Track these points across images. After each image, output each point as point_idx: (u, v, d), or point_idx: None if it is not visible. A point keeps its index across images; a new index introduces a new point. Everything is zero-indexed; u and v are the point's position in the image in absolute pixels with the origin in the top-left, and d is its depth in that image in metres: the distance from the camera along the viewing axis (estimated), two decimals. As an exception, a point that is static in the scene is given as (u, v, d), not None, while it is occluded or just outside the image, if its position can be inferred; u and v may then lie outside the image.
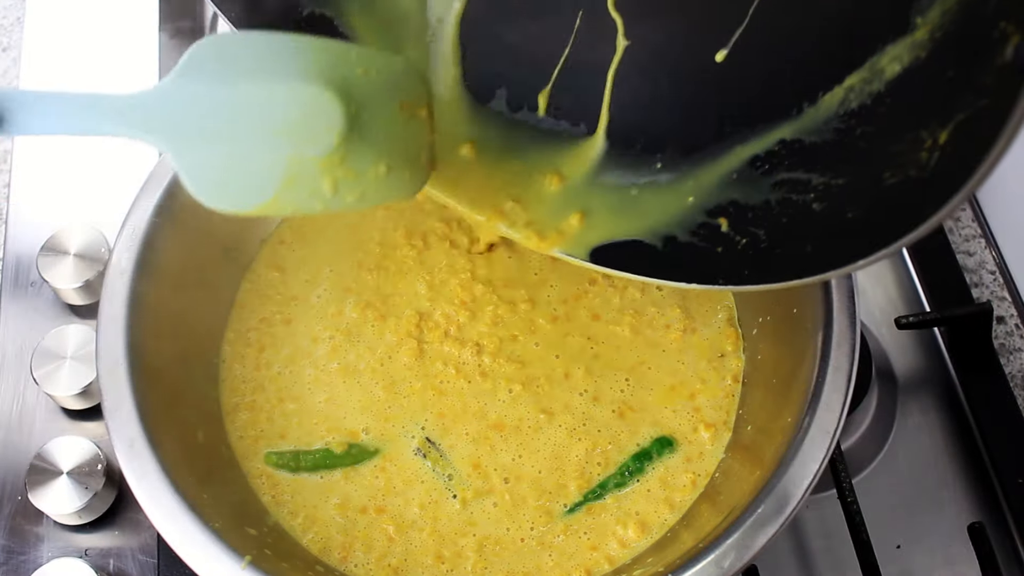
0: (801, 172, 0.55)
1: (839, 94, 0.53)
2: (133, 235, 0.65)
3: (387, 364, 0.70)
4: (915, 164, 0.47)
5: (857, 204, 0.51)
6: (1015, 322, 0.84)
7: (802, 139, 0.55)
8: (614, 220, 0.63)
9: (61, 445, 0.75)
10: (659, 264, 0.60)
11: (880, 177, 0.49)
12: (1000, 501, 0.76)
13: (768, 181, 0.56)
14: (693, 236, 0.59)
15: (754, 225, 0.57)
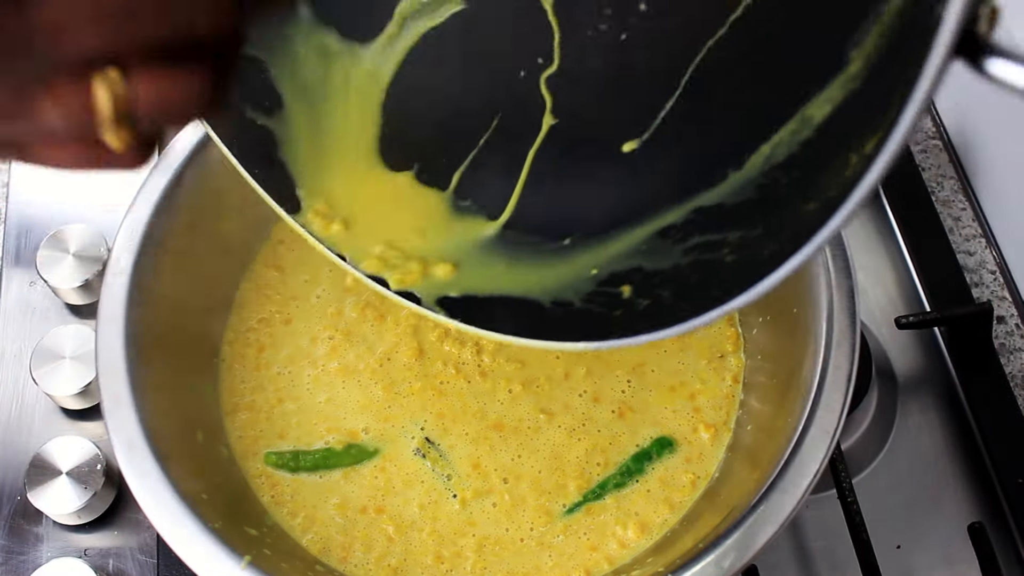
0: (716, 234, 0.52)
1: (765, 151, 0.50)
2: (132, 235, 0.65)
3: (387, 364, 0.70)
4: (838, 184, 0.44)
5: (774, 241, 0.47)
6: (1015, 322, 0.84)
7: (723, 203, 0.52)
8: (494, 278, 0.59)
9: (60, 445, 0.75)
10: (544, 323, 0.56)
11: (801, 209, 0.46)
12: (1000, 501, 0.76)
13: (680, 248, 0.53)
14: (590, 303, 0.56)
15: (660, 288, 0.53)
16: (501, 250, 0.60)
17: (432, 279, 0.59)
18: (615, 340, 0.52)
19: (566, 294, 0.57)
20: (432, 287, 0.59)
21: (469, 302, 0.60)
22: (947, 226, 0.88)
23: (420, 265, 0.60)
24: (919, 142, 0.93)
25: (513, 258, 0.59)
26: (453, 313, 0.58)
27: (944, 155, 0.93)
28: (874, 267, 0.87)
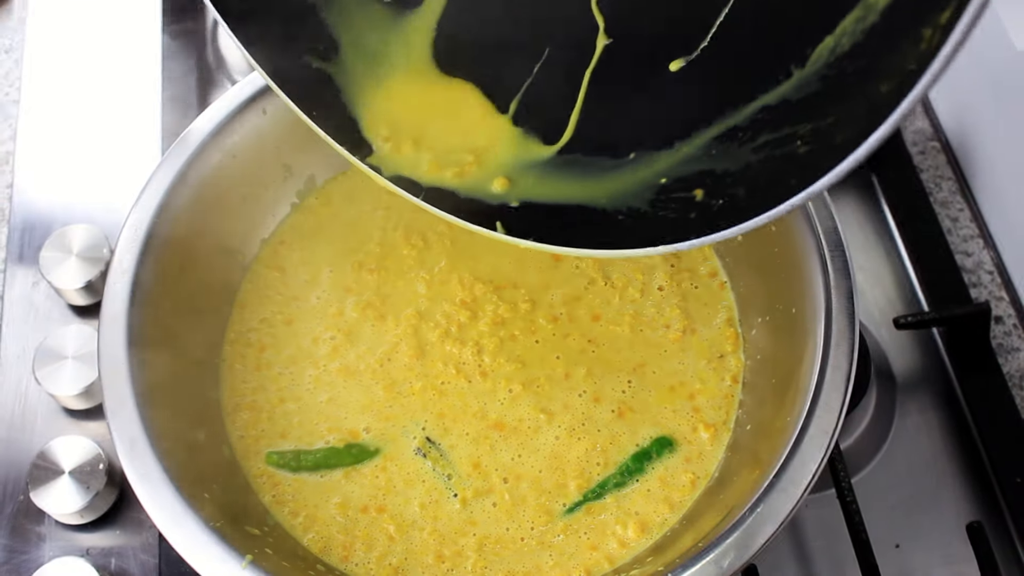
0: (787, 129, 0.51)
1: (829, 43, 0.49)
2: (135, 235, 0.65)
3: (387, 364, 0.70)
4: (915, 58, 0.43)
5: (848, 127, 0.47)
6: (1013, 322, 0.84)
7: (788, 99, 0.51)
8: (555, 189, 0.59)
9: (63, 445, 0.75)
10: (619, 233, 0.56)
11: (875, 92, 0.45)
12: (999, 500, 0.76)
13: (749, 147, 0.53)
14: (664, 209, 0.56)
15: (733, 187, 0.53)
16: (561, 168, 0.60)
17: (487, 182, 0.60)
18: (697, 239, 0.52)
19: (635, 202, 0.57)
20: (487, 191, 0.59)
21: (531, 215, 0.59)
22: (945, 227, 0.88)
23: (474, 157, 0.60)
24: (917, 143, 0.94)
25: (574, 174, 0.60)
26: (515, 230, 0.58)
27: (942, 156, 0.93)
28: (873, 268, 0.87)
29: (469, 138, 0.62)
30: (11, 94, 0.98)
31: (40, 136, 0.95)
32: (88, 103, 0.97)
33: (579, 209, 0.59)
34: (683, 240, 0.53)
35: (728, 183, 0.54)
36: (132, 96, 0.96)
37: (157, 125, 0.94)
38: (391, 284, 0.73)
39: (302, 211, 0.77)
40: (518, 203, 0.60)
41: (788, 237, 0.65)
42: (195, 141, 0.68)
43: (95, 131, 0.95)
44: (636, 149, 0.58)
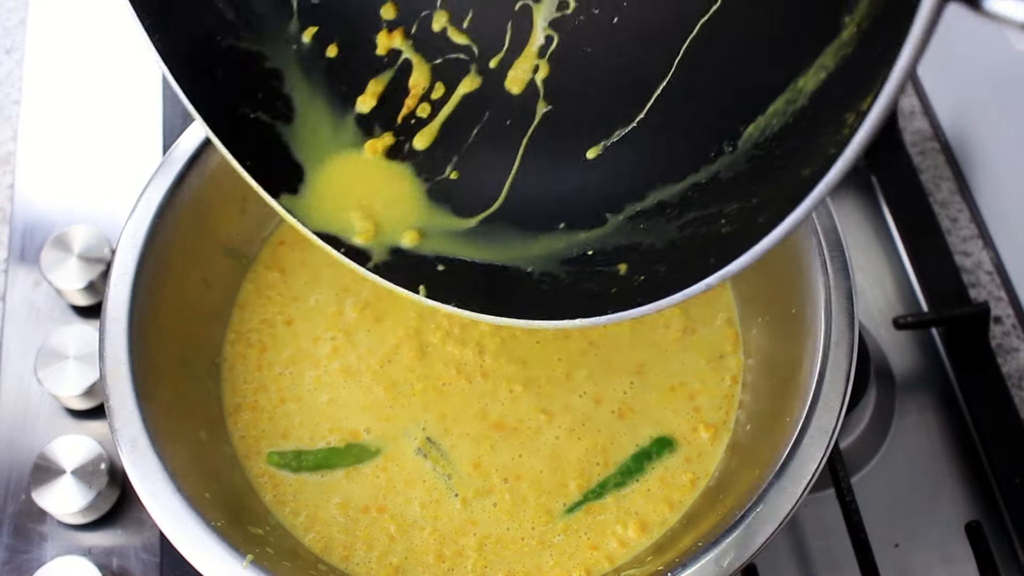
0: (714, 207, 0.52)
1: (760, 123, 0.50)
2: (136, 236, 0.65)
3: (388, 365, 0.70)
4: (835, 143, 0.44)
5: (770, 208, 0.47)
6: (1012, 322, 0.85)
7: (719, 177, 0.52)
8: (483, 249, 0.60)
9: (64, 444, 0.76)
10: (538, 301, 0.57)
11: (799, 175, 0.46)
12: (997, 500, 0.76)
13: (676, 224, 0.54)
14: (586, 280, 0.56)
15: (655, 264, 0.54)
16: (482, 234, 0.61)
17: (397, 236, 0.60)
18: (613, 314, 0.53)
19: (557, 271, 0.57)
20: (392, 243, 0.60)
21: (455, 279, 0.60)
22: (944, 227, 0.89)
23: (374, 225, 0.61)
24: (916, 143, 0.94)
25: (497, 239, 0.60)
26: (438, 295, 0.58)
27: (941, 157, 0.93)
28: (872, 268, 0.87)
29: (391, 210, 0.62)
30: (12, 94, 0.98)
31: (41, 136, 0.95)
32: (89, 104, 0.97)
33: (503, 272, 0.59)
34: (600, 315, 0.53)
35: (651, 259, 0.54)
36: (133, 96, 0.97)
37: (158, 125, 0.94)
38: (392, 284, 0.73)
39: (303, 211, 0.77)
40: (443, 267, 0.60)
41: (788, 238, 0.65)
42: (196, 141, 0.68)
43: (96, 131, 0.95)
44: (566, 220, 0.59)
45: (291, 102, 0.63)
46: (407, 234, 0.62)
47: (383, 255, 0.61)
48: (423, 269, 0.61)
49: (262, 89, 0.62)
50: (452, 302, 0.58)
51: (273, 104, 0.62)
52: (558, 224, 0.59)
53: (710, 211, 0.52)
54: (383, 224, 0.62)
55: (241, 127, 0.61)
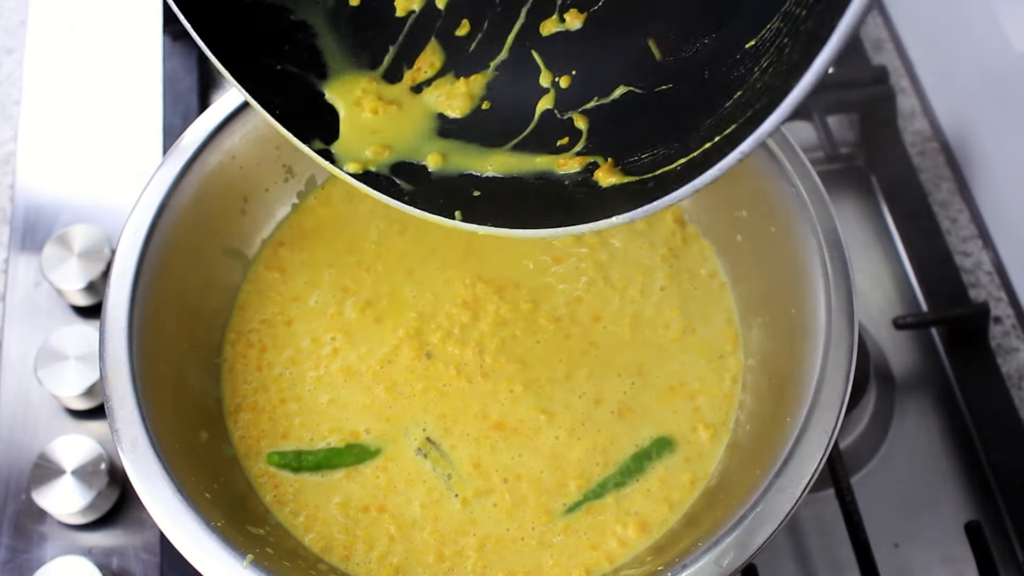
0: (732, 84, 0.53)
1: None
2: (136, 236, 0.66)
3: (388, 365, 0.70)
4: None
5: (797, 78, 0.46)
6: (1012, 322, 0.85)
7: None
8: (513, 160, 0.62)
9: (65, 444, 0.76)
10: (578, 212, 0.57)
11: (824, 38, 0.45)
12: (997, 500, 0.76)
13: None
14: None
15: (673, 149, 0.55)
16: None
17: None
18: (650, 204, 0.53)
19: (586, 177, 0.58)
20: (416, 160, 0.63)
21: (491, 205, 0.60)
22: (944, 227, 0.89)
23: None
24: (916, 144, 0.94)
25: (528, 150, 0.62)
26: (474, 219, 0.59)
27: (941, 157, 0.93)
28: (872, 268, 0.87)
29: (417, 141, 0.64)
30: (12, 95, 0.98)
31: (42, 136, 0.95)
32: (89, 104, 0.97)
33: (538, 191, 0.60)
34: (638, 207, 0.53)
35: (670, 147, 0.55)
36: (133, 97, 0.97)
37: (158, 125, 0.94)
38: (391, 285, 0.73)
39: (302, 212, 0.77)
40: (478, 192, 0.61)
41: (787, 237, 0.66)
42: (196, 141, 0.69)
43: (96, 132, 0.95)
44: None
45: (320, 54, 0.64)
46: (431, 156, 0.63)
47: (411, 182, 0.62)
48: (458, 196, 0.61)
49: (289, 42, 0.63)
50: (488, 223, 0.59)
51: (301, 56, 0.63)
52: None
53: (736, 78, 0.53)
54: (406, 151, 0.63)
55: (271, 80, 0.62)
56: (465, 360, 0.70)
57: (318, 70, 0.64)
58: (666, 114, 0.58)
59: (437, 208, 0.60)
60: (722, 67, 0.55)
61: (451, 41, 0.65)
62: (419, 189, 0.62)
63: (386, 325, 0.72)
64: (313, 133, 0.63)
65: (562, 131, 0.61)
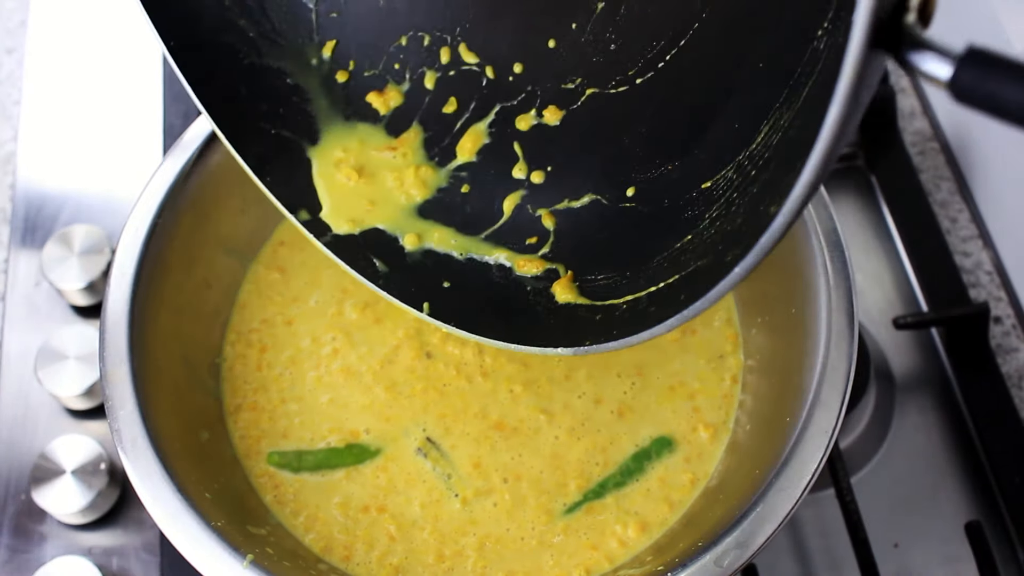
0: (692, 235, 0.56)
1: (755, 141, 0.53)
2: (136, 236, 0.66)
3: (388, 365, 0.70)
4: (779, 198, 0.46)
5: (738, 245, 0.49)
6: (1012, 322, 0.85)
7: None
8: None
9: (65, 444, 0.76)
10: (530, 324, 0.61)
11: (768, 212, 0.47)
12: (997, 500, 0.76)
13: (661, 256, 0.58)
14: (589, 309, 0.60)
15: (642, 294, 0.57)
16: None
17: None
18: (594, 346, 0.56)
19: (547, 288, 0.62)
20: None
21: (457, 303, 0.63)
22: (944, 227, 0.89)
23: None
24: (916, 144, 0.94)
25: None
26: (440, 314, 0.63)
27: (941, 157, 0.93)
28: (872, 268, 0.87)
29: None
30: (13, 95, 0.98)
31: (42, 136, 0.95)
32: (90, 104, 0.97)
33: (502, 293, 0.63)
34: (584, 343, 0.57)
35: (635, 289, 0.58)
36: (133, 96, 0.97)
37: (159, 125, 0.94)
38: (392, 284, 0.73)
39: (303, 212, 0.77)
40: (448, 284, 0.64)
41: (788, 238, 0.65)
42: (196, 141, 0.69)
43: (97, 131, 0.95)
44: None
45: (314, 121, 0.66)
46: (408, 237, 0.65)
47: (387, 263, 0.65)
48: (429, 286, 0.64)
49: (284, 105, 0.65)
50: (452, 322, 0.62)
51: (295, 120, 0.65)
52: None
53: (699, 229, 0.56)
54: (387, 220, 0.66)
55: (264, 143, 0.65)
56: (465, 360, 0.70)
57: (310, 136, 0.66)
58: (625, 235, 0.61)
59: (408, 296, 0.64)
60: (679, 200, 0.57)
61: (435, 118, 0.67)
62: (393, 273, 0.65)
63: (386, 325, 0.72)
64: (299, 200, 0.65)
65: (532, 230, 0.64)
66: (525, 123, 0.65)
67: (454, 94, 0.66)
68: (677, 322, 0.51)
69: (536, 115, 0.65)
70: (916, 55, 0.37)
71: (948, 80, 0.37)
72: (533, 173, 0.65)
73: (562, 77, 0.63)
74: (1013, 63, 0.36)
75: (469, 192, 0.66)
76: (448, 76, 0.66)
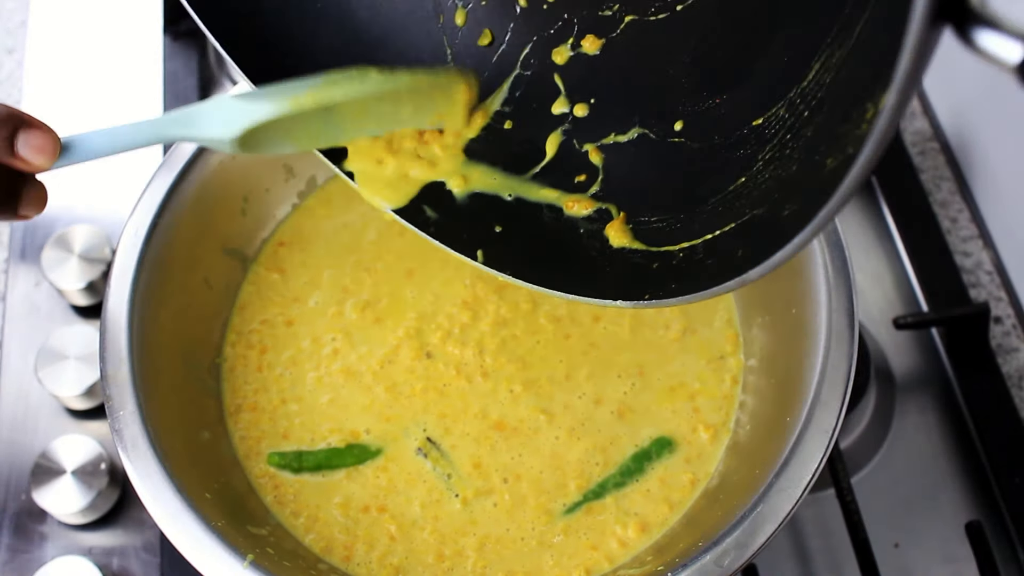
0: (745, 193, 0.53)
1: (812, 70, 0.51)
2: (136, 236, 0.66)
3: (388, 365, 0.70)
4: (854, 140, 0.43)
5: (795, 199, 0.48)
6: (1012, 322, 0.85)
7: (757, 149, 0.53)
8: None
9: (65, 444, 0.76)
10: (591, 276, 0.58)
11: (824, 164, 0.46)
12: (997, 499, 0.76)
13: (724, 204, 0.55)
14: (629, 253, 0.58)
15: (698, 251, 0.55)
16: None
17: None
18: (652, 300, 0.53)
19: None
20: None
21: (512, 251, 0.60)
22: (944, 227, 0.89)
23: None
24: (916, 144, 0.94)
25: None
26: (494, 262, 0.60)
27: (941, 157, 0.93)
28: (872, 268, 0.87)
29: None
30: (13, 95, 0.98)
31: (42, 137, 0.95)
32: (90, 104, 0.97)
33: (555, 236, 0.60)
34: (636, 297, 0.55)
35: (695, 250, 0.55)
36: (134, 97, 0.97)
37: (158, 126, 0.94)
38: (391, 285, 0.73)
39: (303, 212, 0.77)
40: (500, 228, 0.61)
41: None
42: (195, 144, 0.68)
43: (97, 132, 0.95)
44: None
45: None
46: (454, 180, 0.63)
47: (436, 209, 0.62)
48: (480, 231, 0.61)
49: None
50: (507, 271, 0.59)
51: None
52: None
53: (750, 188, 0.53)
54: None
55: None
56: (465, 360, 0.70)
57: None
58: (677, 173, 0.58)
59: (460, 244, 0.61)
60: (730, 137, 0.55)
61: (470, 53, 0.65)
62: (444, 220, 0.62)
63: (386, 325, 0.72)
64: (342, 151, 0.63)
65: (580, 167, 0.62)
66: (563, 54, 0.62)
67: (488, 26, 0.64)
68: (736, 285, 0.48)
69: (575, 44, 0.62)
70: (982, 32, 0.34)
71: (1017, 65, 0.34)
72: (576, 106, 0.62)
73: (598, 3, 0.61)
74: None
75: (512, 129, 0.64)
76: (480, 5, 0.63)
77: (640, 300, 0.54)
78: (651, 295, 0.54)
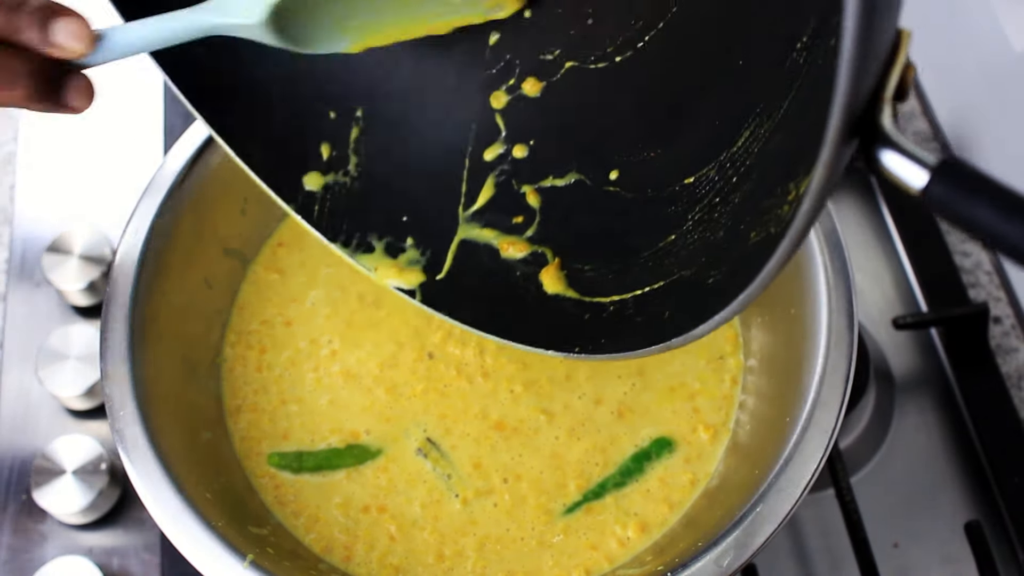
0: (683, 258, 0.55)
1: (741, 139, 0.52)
2: (136, 236, 0.66)
3: (389, 365, 0.70)
4: (775, 220, 0.45)
5: (719, 266, 0.49)
6: (1011, 322, 0.85)
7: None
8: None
9: (65, 444, 0.76)
10: (509, 314, 0.59)
11: (748, 236, 0.47)
12: (997, 500, 0.76)
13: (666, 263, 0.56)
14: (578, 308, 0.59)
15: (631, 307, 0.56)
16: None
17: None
18: (575, 354, 0.55)
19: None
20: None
21: (451, 290, 0.61)
22: (944, 227, 0.89)
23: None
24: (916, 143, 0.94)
25: None
26: (434, 302, 0.61)
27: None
28: (872, 268, 0.87)
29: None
30: (13, 95, 0.98)
31: (42, 137, 0.95)
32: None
33: (494, 292, 0.62)
34: (566, 350, 0.56)
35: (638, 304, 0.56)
36: (134, 97, 0.97)
37: (159, 126, 0.94)
38: (392, 285, 0.73)
39: (303, 212, 0.77)
40: (444, 274, 0.63)
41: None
42: (197, 142, 0.69)
43: (97, 132, 0.95)
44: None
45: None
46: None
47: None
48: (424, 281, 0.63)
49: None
50: (444, 311, 0.61)
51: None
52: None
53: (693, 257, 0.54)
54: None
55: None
56: (465, 360, 0.70)
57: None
58: (611, 222, 0.59)
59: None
60: (663, 191, 0.56)
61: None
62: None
63: (386, 326, 0.72)
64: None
65: (518, 208, 0.63)
66: (503, 97, 0.64)
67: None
68: (660, 350, 0.50)
69: (516, 86, 0.63)
70: (889, 154, 0.36)
71: (920, 190, 0.34)
72: (516, 146, 0.64)
73: (540, 48, 0.62)
74: (990, 182, 0.33)
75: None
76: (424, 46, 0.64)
77: (570, 352, 0.55)
78: (580, 348, 0.55)
